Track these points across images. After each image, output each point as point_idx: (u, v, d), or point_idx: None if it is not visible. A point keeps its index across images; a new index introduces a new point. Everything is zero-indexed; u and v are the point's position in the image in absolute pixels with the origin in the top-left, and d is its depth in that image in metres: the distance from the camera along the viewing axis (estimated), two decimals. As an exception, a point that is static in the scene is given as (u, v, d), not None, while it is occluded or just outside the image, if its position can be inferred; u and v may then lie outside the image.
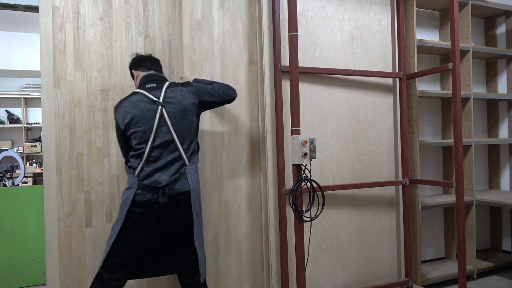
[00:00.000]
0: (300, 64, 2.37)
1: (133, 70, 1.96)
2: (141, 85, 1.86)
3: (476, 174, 3.42)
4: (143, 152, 1.76)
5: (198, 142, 1.96)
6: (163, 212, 1.75)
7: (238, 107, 2.37)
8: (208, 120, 2.29)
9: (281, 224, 2.29)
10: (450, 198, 2.96)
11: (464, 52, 3.07)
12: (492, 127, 3.47)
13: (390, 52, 2.72)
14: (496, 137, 3.42)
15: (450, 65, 2.39)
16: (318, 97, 2.48)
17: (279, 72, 2.30)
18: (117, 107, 1.85)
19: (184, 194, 1.78)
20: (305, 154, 1.86)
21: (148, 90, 1.82)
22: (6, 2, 2.28)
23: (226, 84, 2.00)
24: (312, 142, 1.88)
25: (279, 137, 2.29)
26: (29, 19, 4.21)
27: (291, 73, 1.93)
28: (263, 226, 2.37)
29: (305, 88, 2.43)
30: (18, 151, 5.57)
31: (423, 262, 3.12)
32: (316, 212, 1.99)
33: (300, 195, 1.90)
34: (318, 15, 2.49)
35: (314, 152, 1.88)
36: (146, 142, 1.76)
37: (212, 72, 2.30)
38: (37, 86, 5.73)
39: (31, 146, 5.55)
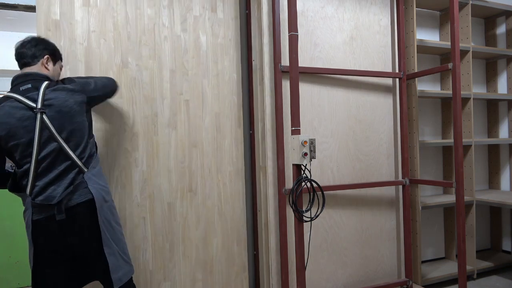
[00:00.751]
0: (300, 64, 2.37)
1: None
2: (13, 87, 1.60)
3: (476, 174, 3.42)
4: (29, 167, 1.55)
5: (95, 141, 1.78)
6: (64, 229, 1.58)
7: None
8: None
9: (281, 224, 2.29)
10: (450, 198, 2.97)
11: (464, 52, 3.08)
12: (492, 127, 3.47)
13: (390, 52, 2.72)
14: (496, 137, 3.42)
15: (450, 65, 2.39)
16: (318, 97, 2.48)
17: (279, 72, 2.30)
18: None
19: (83, 204, 1.60)
20: (305, 154, 1.86)
21: (22, 93, 1.56)
22: (6, 2, 2.28)
23: (105, 76, 1.87)
24: (312, 142, 1.88)
25: (279, 137, 2.29)
26: (29, 19, 4.21)
27: (291, 73, 1.93)
28: (263, 226, 2.37)
29: (305, 88, 2.43)
30: (18, 151, 5.56)
31: (423, 262, 3.13)
32: (316, 212, 1.99)
33: (300, 195, 1.90)
34: (318, 15, 2.49)
35: (314, 152, 1.88)
36: (30, 155, 1.54)
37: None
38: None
39: (31, 146, 5.54)
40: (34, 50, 1.65)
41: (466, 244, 2.96)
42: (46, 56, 1.68)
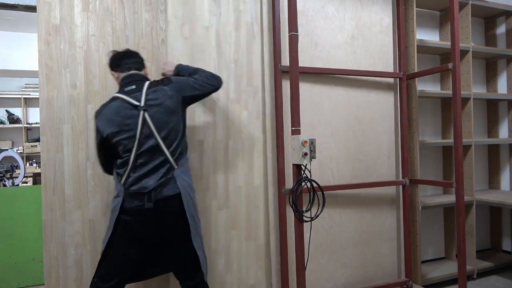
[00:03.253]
0: (300, 64, 2.37)
1: (112, 71, 1.85)
2: (120, 88, 1.77)
3: (476, 174, 3.42)
4: (128, 160, 1.70)
5: (186, 141, 1.87)
6: (151, 218, 1.69)
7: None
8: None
9: (281, 224, 2.29)
10: (450, 198, 2.96)
11: (464, 52, 3.07)
12: (492, 127, 3.47)
13: (392, 52, 2.72)
14: (496, 137, 3.42)
15: (450, 65, 2.39)
16: (318, 97, 2.48)
17: (279, 72, 2.30)
18: (97, 114, 1.76)
19: (173, 198, 1.71)
20: (305, 154, 1.86)
21: (127, 93, 1.72)
22: (6, 2, 2.28)
23: (210, 73, 1.91)
24: (312, 142, 1.88)
25: (279, 137, 2.29)
26: (29, 19, 4.21)
27: (291, 73, 1.93)
28: (263, 226, 2.37)
29: (305, 88, 2.43)
30: (18, 151, 5.57)
31: (423, 262, 3.12)
32: (316, 212, 1.99)
33: (300, 195, 1.90)
34: (319, 15, 2.49)
35: (314, 152, 1.88)
36: (130, 150, 1.69)
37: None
38: (37, 86, 5.73)
39: (31, 146, 5.55)
40: (140, 59, 1.86)
41: (466, 244, 2.96)
42: (146, 67, 1.91)
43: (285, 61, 2.35)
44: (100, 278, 1.70)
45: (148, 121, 1.69)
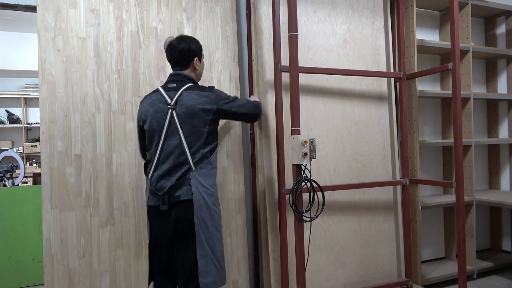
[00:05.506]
0: (299, 64, 2.37)
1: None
2: (165, 83, 1.87)
3: (476, 174, 3.42)
4: (154, 153, 1.79)
5: (209, 150, 1.82)
6: (164, 218, 1.76)
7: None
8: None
9: (281, 224, 2.29)
10: (450, 198, 2.96)
11: (464, 52, 3.07)
12: (492, 127, 3.47)
13: (384, 54, 2.73)
14: (496, 137, 3.42)
15: (450, 65, 2.39)
16: (313, 98, 2.48)
17: (278, 72, 2.29)
18: (141, 101, 1.90)
19: (185, 202, 1.73)
20: (305, 154, 1.86)
21: (167, 89, 1.81)
22: (6, 2, 2.27)
23: (253, 101, 1.98)
24: (312, 142, 1.88)
25: (279, 137, 2.29)
26: (29, 19, 4.21)
27: (291, 73, 1.93)
28: (263, 226, 2.37)
29: (300, 89, 2.43)
30: (18, 151, 5.57)
31: (423, 262, 3.12)
32: (316, 212, 1.99)
33: (300, 195, 1.90)
34: (311, 19, 2.51)
35: (314, 152, 1.88)
36: (157, 144, 1.78)
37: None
38: (37, 86, 5.73)
39: (31, 146, 5.55)
40: (187, 55, 1.85)
41: (466, 244, 2.96)
42: (195, 58, 1.88)
43: (285, 61, 2.35)
44: (151, 272, 1.86)
45: (175, 119, 1.75)
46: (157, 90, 1.84)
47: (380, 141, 2.68)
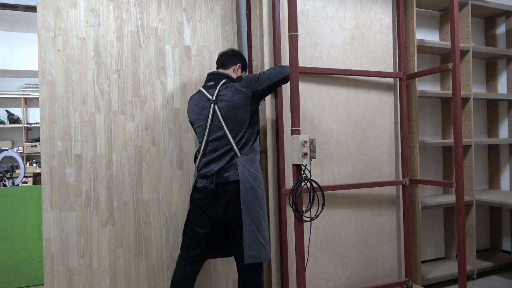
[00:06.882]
0: (300, 64, 2.37)
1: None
2: (204, 83, 2.06)
3: (476, 174, 3.42)
4: (201, 145, 1.98)
5: (254, 131, 1.99)
6: (212, 198, 1.92)
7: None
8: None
9: (281, 224, 2.29)
10: (450, 198, 2.96)
11: (464, 52, 3.07)
12: (492, 127, 3.47)
13: (391, 52, 2.71)
14: (496, 137, 3.42)
15: (450, 65, 2.39)
16: (318, 97, 2.48)
17: (279, 72, 2.29)
18: (188, 102, 2.12)
19: (232, 183, 1.89)
20: (305, 154, 1.86)
21: (207, 88, 2.00)
22: (6, 2, 2.28)
23: (275, 67, 2.08)
24: (312, 142, 1.88)
25: (279, 137, 2.29)
26: (29, 19, 4.20)
27: (291, 73, 1.93)
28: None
29: (305, 88, 2.43)
30: (18, 151, 5.57)
31: (423, 262, 3.12)
32: (316, 212, 1.99)
33: (300, 195, 1.90)
34: (319, 15, 2.48)
35: (314, 152, 1.88)
36: (203, 137, 1.96)
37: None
38: (37, 86, 5.73)
39: (31, 146, 5.55)
40: (232, 58, 2.10)
41: (466, 244, 2.96)
42: (238, 65, 2.10)
43: (285, 61, 2.35)
44: (182, 249, 2.01)
45: (218, 113, 1.93)
46: (199, 91, 2.03)
47: (384, 141, 2.68)
